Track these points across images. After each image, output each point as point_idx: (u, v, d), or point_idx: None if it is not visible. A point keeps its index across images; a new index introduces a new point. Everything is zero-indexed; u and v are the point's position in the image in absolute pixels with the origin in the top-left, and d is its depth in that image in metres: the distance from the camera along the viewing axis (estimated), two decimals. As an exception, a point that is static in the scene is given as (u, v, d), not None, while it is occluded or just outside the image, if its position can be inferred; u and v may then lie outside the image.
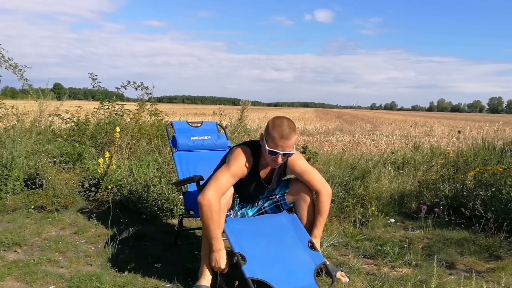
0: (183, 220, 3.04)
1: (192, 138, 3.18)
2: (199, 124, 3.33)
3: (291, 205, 2.60)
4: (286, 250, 2.40)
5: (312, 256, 2.40)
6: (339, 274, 2.47)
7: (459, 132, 7.47)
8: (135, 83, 6.13)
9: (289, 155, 2.31)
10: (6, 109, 5.70)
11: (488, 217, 3.32)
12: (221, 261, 2.22)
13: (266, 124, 2.38)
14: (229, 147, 3.19)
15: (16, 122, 5.35)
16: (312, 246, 2.44)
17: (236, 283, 2.14)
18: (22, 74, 5.89)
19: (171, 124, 3.30)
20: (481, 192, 3.69)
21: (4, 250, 2.86)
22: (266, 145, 2.26)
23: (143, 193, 3.82)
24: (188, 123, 3.32)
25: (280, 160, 2.29)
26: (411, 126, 19.46)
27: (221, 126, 3.50)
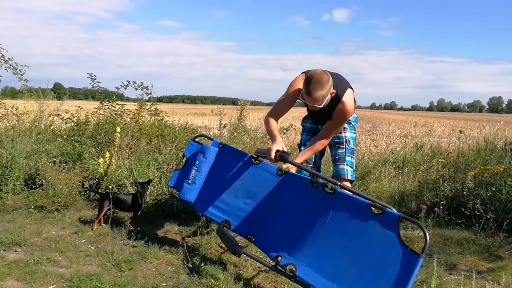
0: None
1: None
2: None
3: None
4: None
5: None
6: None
7: (460, 132, 7.46)
8: (135, 82, 6.11)
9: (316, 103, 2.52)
10: (6, 109, 5.69)
11: (488, 217, 3.32)
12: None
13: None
14: None
15: (16, 122, 5.34)
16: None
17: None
18: (22, 75, 5.87)
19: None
20: (481, 192, 3.68)
21: (4, 250, 2.86)
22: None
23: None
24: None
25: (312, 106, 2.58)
26: (414, 126, 19.41)
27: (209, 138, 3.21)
